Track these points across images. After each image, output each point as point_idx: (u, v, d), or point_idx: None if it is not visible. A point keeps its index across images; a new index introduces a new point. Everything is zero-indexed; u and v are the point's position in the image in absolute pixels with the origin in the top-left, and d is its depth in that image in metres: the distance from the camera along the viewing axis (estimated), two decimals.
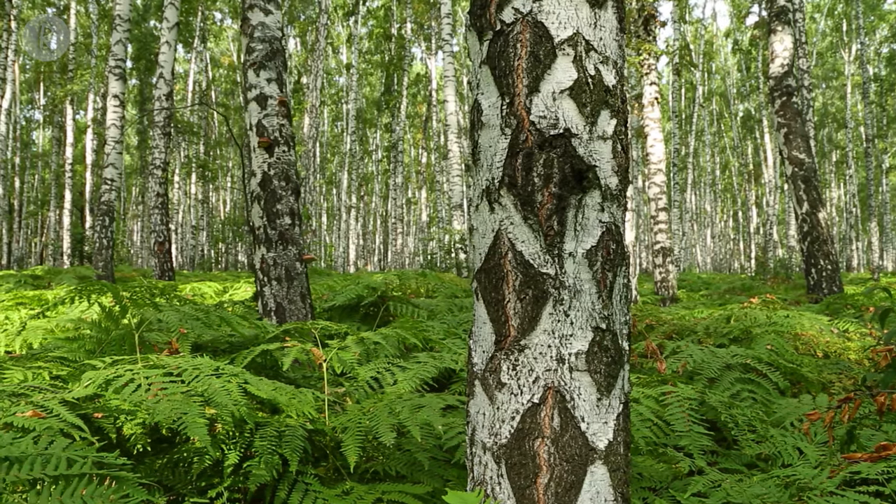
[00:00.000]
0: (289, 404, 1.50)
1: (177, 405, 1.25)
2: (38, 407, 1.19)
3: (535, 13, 1.12)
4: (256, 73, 3.98)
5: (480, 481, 1.16)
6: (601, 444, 1.11)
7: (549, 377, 1.09)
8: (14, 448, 1.00)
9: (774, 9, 8.58)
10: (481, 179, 1.17)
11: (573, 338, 1.10)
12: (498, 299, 1.13)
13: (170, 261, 9.84)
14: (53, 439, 1.06)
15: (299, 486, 1.48)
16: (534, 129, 1.10)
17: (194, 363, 1.45)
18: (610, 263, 1.13)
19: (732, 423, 1.64)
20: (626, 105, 1.19)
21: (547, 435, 1.09)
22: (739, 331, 3.08)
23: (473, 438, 1.19)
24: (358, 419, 1.62)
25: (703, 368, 2.41)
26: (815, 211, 8.10)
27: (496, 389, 1.13)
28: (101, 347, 1.81)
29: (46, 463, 0.98)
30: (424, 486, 1.57)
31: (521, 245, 1.10)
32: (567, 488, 1.09)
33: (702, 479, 1.24)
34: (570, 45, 1.11)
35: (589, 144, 1.11)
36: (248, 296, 5.25)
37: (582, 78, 1.11)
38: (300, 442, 1.51)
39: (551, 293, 1.09)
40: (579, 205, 1.10)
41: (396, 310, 4.18)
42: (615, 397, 1.13)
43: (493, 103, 1.15)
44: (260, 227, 3.78)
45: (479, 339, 1.18)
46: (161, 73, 10.42)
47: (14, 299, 4.42)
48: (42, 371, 1.55)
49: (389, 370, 2.19)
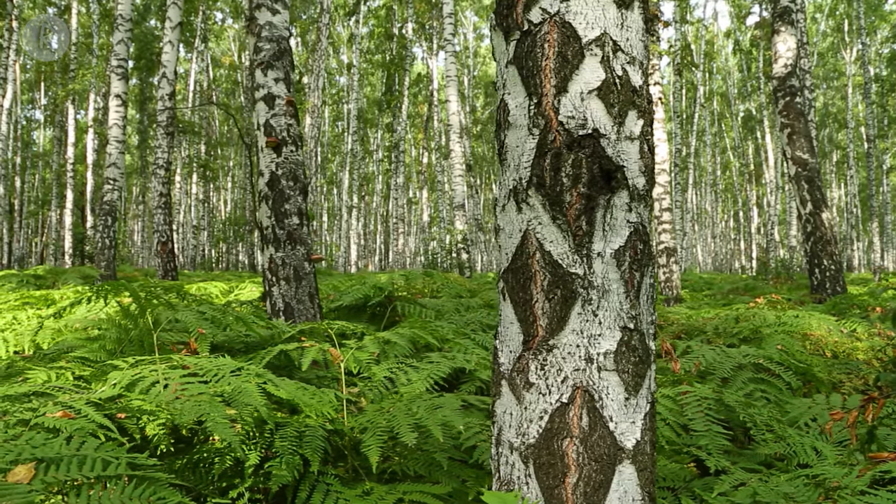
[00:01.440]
0: (310, 404, 1.50)
1: (204, 406, 1.25)
2: (66, 407, 1.20)
3: (563, 13, 1.12)
4: (264, 73, 3.98)
5: (507, 481, 1.17)
6: (629, 444, 1.11)
7: (578, 377, 1.09)
8: (48, 448, 1.00)
9: (778, 9, 8.58)
10: (508, 179, 1.17)
11: (601, 337, 1.10)
12: (526, 299, 1.13)
13: (173, 260, 9.84)
14: (85, 440, 1.06)
15: (320, 487, 1.48)
16: (562, 130, 1.10)
17: (217, 363, 1.45)
18: (637, 263, 1.13)
19: (751, 423, 1.64)
20: (651, 105, 1.19)
21: (575, 434, 1.09)
22: (749, 331, 3.09)
23: (500, 438, 1.19)
24: (377, 419, 1.62)
25: (716, 368, 2.41)
26: (819, 211, 8.10)
27: (524, 389, 1.13)
28: (121, 347, 1.81)
29: (82, 464, 0.98)
30: (444, 486, 1.57)
31: (550, 245, 1.11)
32: (596, 488, 1.09)
33: (728, 478, 1.24)
34: (597, 46, 1.12)
35: (617, 145, 1.11)
36: (255, 296, 5.25)
37: (609, 78, 1.11)
38: (320, 442, 1.51)
39: (580, 293, 1.09)
40: (608, 205, 1.10)
41: (404, 310, 4.18)
42: (642, 397, 1.14)
43: (521, 103, 1.15)
44: (268, 227, 3.78)
45: (505, 339, 1.18)
46: (164, 73, 10.42)
47: (21, 299, 4.42)
48: (65, 371, 1.55)
49: (403, 370, 2.19)
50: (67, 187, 19.15)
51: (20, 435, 1.05)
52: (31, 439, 1.04)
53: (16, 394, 1.24)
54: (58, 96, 22.37)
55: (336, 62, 31.61)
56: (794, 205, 21.36)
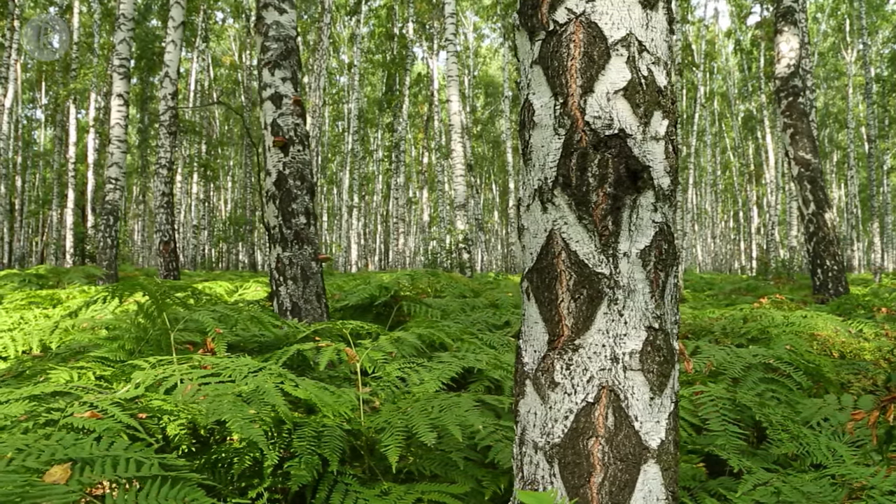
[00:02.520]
0: (329, 404, 1.50)
1: (228, 406, 1.25)
2: (92, 407, 1.19)
3: (589, 13, 1.12)
4: (271, 73, 3.98)
5: (531, 481, 1.17)
6: (654, 444, 1.12)
7: (604, 376, 1.10)
8: (78, 449, 1.00)
9: (781, 9, 8.58)
10: (533, 179, 1.17)
11: (627, 337, 1.10)
12: (551, 299, 1.13)
13: (175, 260, 9.83)
14: (114, 440, 1.06)
15: (339, 487, 1.48)
16: (588, 130, 1.10)
17: (238, 363, 1.45)
18: (662, 263, 1.13)
19: (767, 423, 1.65)
20: (675, 106, 1.19)
21: (601, 434, 1.09)
22: (757, 331, 3.09)
23: (523, 438, 1.19)
24: (394, 419, 1.62)
25: (727, 368, 2.41)
26: (822, 211, 8.10)
27: (549, 389, 1.13)
28: (139, 347, 1.81)
29: (116, 464, 0.98)
30: (462, 485, 1.57)
31: (576, 245, 1.11)
32: (621, 487, 1.10)
33: (751, 478, 1.25)
34: (623, 46, 1.12)
35: (643, 145, 1.11)
36: (260, 296, 5.25)
37: (635, 79, 1.12)
38: (339, 442, 1.51)
39: (606, 293, 1.09)
40: (634, 205, 1.10)
41: (409, 310, 4.18)
42: (667, 396, 1.14)
43: (546, 103, 1.15)
44: (275, 227, 3.78)
45: (529, 339, 1.18)
46: (167, 72, 10.41)
47: (27, 298, 4.41)
48: (86, 371, 1.55)
49: (415, 370, 2.19)
50: (69, 187, 19.14)
51: (50, 435, 1.05)
52: (62, 439, 1.04)
53: (41, 393, 1.24)
54: (59, 95, 22.37)
55: (336, 62, 31.62)
56: (794, 205, 21.38)
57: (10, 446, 0.97)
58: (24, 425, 1.10)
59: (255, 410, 1.28)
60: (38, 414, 1.16)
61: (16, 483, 0.82)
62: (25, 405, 1.15)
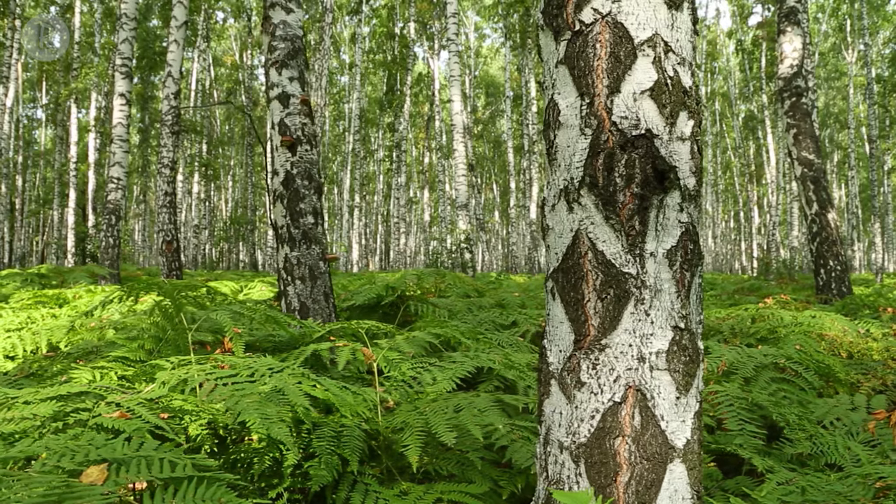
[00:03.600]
0: (347, 404, 1.51)
1: (256, 406, 1.25)
2: (117, 407, 1.19)
3: (615, 14, 1.12)
4: (279, 72, 3.98)
5: (556, 480, 1.17)
6: (679, 443, 1.12)
7: (630, 376, 1.10)
8: (109, 449, 1.00)
9: (784, 9, 8.59)
10: (558, 179, 1.17)
11: (654, 337, 1.10)
12: (577, 298, 1.13)
13: (178, 260, 9.83)
14: (144, 440, 1.06)
15: (359, 487, 1.48)
16: (615, 130, 1.10)
17: (259, 363, 1.45)
18: (688, 263, 1.14)
19: (784, 423, 1.65)
20: (700, 106, 1.19)
21: (628, 434, 1.10)
22: (766, 331, 3.09)
23: (548, 438, 1.19)
24: (412, 419, 1.62)
25: (738, 368, 2.42)
26: (825, 212, 8.11)
27: (575, 388, 1.13)
28: (158, 347, 1.81)
29: (150, 465, 0.98)
30: (481, 485, 1.57)
31: (603, 244, 1.11)
32: (647, 486, 1.10)
33: (775, 476, 1.25)
34: (649, 47, 1.12)
35: (669, 145, 1.11)
36: (266, 295, 5.25)
37: (661, 79, 1.12)
38: (358, 442, 1.51)
39: (633, 292, 1.10)
40: (660, 205, 1.10)
41: (416, 309, 4.18)
42: (692, 396, 1.14)
43: (572, 103, 1.15)
44: (283, 227, 3.78)
45: (554, 339, 1.19)
46: (169, 72, 10.41)
47: (33, 298, 4.42)
48: (108, 371, 1.55)
49: (427, 370, 2.19)
50: (70, 186, 19.14)
51: (80, 435, 1.05)
52: (93, 440, 1.04)
53: (68, 393, 1.24)
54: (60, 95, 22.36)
55: (337, 62, 31.62)
56: (796, 205, 21.39)
57: (42, 447, 0.97)
58: (53, 425, 1.10)
59: (281, 410, 1.29)
60: (67, 414, 1.16)
61: (53, 484, 0.82)
62: (53, 405, 1.15)
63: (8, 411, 1.12)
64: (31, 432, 1.08)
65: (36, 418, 1.11)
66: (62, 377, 1.55)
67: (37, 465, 0.92)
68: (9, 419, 1.09)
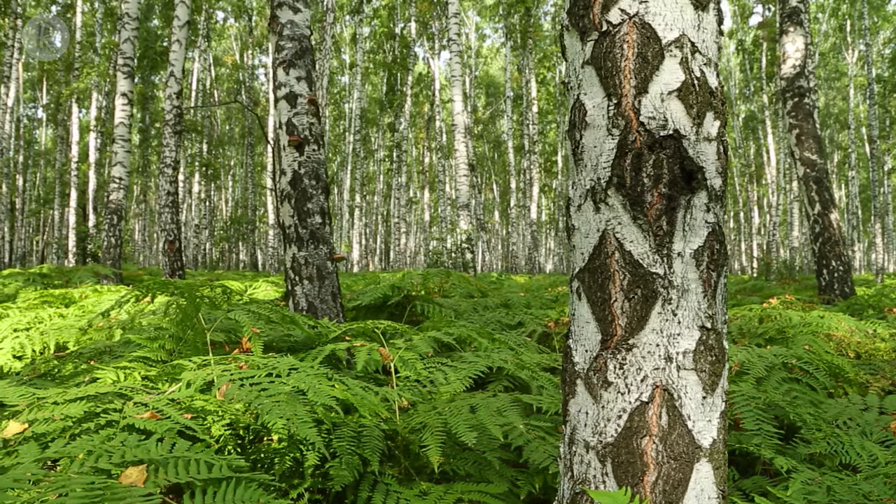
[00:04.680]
0: (373, 404, 1.51)
1: (284, 406, 1.25)
2: (145, 407, 1.19)
3: (642, 14, 1.12)
4: (286, 72, 3.98)
5: (582, 480, 1.17)
6: (706, 442, 1.12)
7: (658, 376, 1.10)
8: (143, 450, 1.00)
9: (786, 10, 8.59)
10: (585, 179, 1.17)
11: (681, 337, 1.11)
12: (604, 298, 1.14)
13: (180, 259, 9.82)
14: (175, 441, 1.06)
15: (380, 487, 1.48)
16: (643, 130, 1.10)
17: (284, 363, 1.45)
18: (714, 263, 1.14)
19: (800, 422, 1.65)
20: (725, 107, 1.20)
21: (655, 433, 1.10)
22: (774, 331, 3.10)
23: (573, 437, 1.19)
24: (430, 419, 1.62)
25: (750, 368, 2.42)
26: (827, 212, 8.12)
27: (601, 388, 1.14)
28: (178, 347, 1.81)
29: (188, 466, 0.98)
30: (500, 485, 1.58)
31: (630, 245, 1.11)
32: (674, 486, 1.10)
33: (800, 476, 1.25)
34: (676, 47, 1.12)
35: (696, 146, 1.12)
36: (271, 295, 5.25)
37: (688, 80, 1.12)
38: (378, 442, 1.51)
39: (660, 292, 1.10)
40: (688, 205, 1.11)
41: (422, 309, 4.19)
42: (718, 395, 1.14)
43: (598, 104, 1.15)
44: (291, 227, 3.78)
45: (580, 339, 1.19)
46: (171, 72, 10.41)
47: (40, 297, 4.41)
48: (133, 371, 1.55)
49: (440, 370, 2.19)
50: (72, 186, 19.13)
51: (114, 436, 1.05)
52: (126, 441, 1.04)
53: (96, 394, 1.24)
54: (61, 95, 22.35)
55: (338, 62, 31.62)
56: (796, 205, 21.41)
57: (78, 448, 0.97)
58: (84, 426, 1.10)
59: (307, 410, 1.29)
60: (97, 415, 1.16)
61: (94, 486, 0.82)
62: (83, 406, 1.15)
63: (38, 411, 1.12)
64: (64, 433, 1.08)
65: (66, 419, 1.11)
66: (85, 377, 1.55)
67: (75, 465, 0.92)
68: (40, 420, 1.09)
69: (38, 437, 1.07)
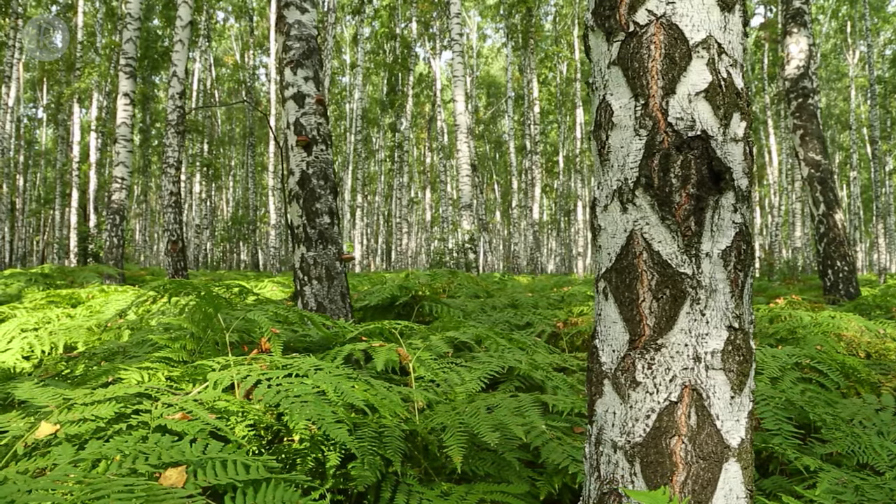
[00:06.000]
0: (384, 405, 1.51)
1: (314, 407, 1.26)
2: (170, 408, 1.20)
3: (669, 15, 1.13)
4: (294, 72, 3.99)
5: (609, 480, 1.17)
6: (734, 442, 1.12)
7: (686, 375, 1.10)
8: (178, 451, 1.00)
9: (790, 11, 8.60)
10: (611, 180, 1.18)
11: (709, 336, 1.11)
12: (632, 298, 1.14)
13: (183, 260, 9.83)
14: (208, 442, 1.06)
15: (402, 488, 1.48)
16: (671, 131, 1.11)
17: (307, 363, 1.45)
18: (741, 263, 1.14)
19: (821, 422, 1.65)
20: (750, 108, 1.20)
21: (684, 433, 1.10)
22: (786, 331, 3.10)
23: (600, 438, 1.20)
24: (449, 419, 1.62)
25: (764, 368, 2.42)
26: (832, 212, 8.12)
27: (629, 388, 1.14)
28: (199, 348, 1.81)
29: (225, 467, 0.98)
30: (521, 486, 1.58)
31: (658, 245, 1.11)
32: (703, 486, 1.10)
33: (827, 475, 1.26)
34: (703, 48, 1.12)
35: (724, 146, 1.12)
36: (278, 295, 5.25)
37: (715, 81, 1.12)
38: (400, 443, 1.52)
39: (689, 292, 1.10)
40: (716, 206, 1.11)
41: (431, 310, 4.19)
42: (745, 395, 1.15)
43: (625, 104, 1.15)
44: (299, 227, 3.79)
45: (607, 339, 1.19)
46: (174, 72, 10.41)
47: (46, 298, 4.42)
48: (156, 372, 1.55)
49: (454, 370, 2.20)
50: (73, 186, 19.13)
51: (146, 437, 1.06)
52: (159, 441, 1.04)
53: (125, 394, 1.25)
54: (62, 95, 22.36)
55: (338, 62, 31.63)
56: (799, 206, 21.41)
57: (113, 449, 0.97)
58: (116, 427, 1.10)
59: (336, 410, 1.29)
60: (127, 416, 1.16)
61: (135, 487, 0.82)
62: (114, 407, 1.15)
63: (67, 412, 1.12)
64: (95, 434, 1.08)
65: (97, 420, 1.11)
66: (108, 378, 1.55)
67: (113, 466, 0.92)
68: (71, 421, 1.09)
69: (71, 438, 1.07)
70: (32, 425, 1.07)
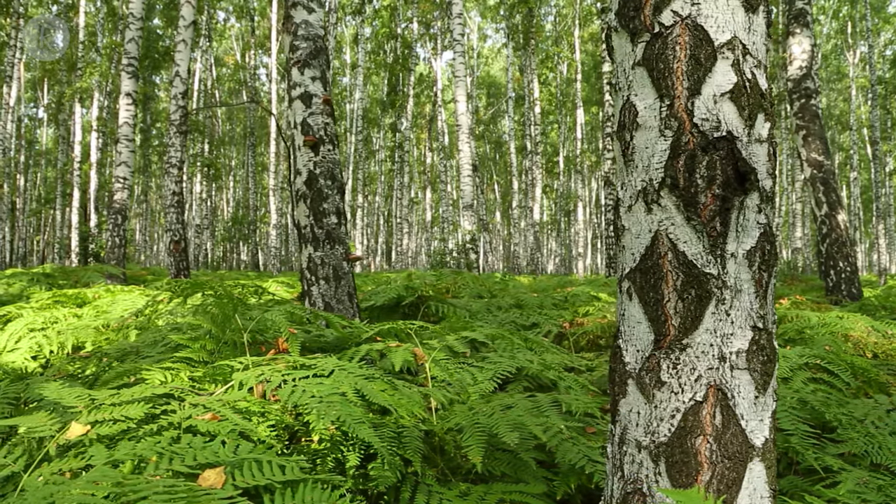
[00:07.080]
0: (402, 405, 1.51)
1: (340, 407, 1.26)
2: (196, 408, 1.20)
3: (695, 16, 1.13)
4: (301, 72, 3.99)
5: (633, 479, 1.18)
6: (758, 442, 1.13)
7: (711, 375, 1.11)
8: (211, 452, 1.00)
9: (793, 11, 8.60)
10: (636, 180, 1.18)
11: (734, 336, 1.11)
12: (657, 299, 1.14)
13: (186, 260, 9.82)
14: (238, 443, 1.06)
15: (422, 488, 1.49)
16: (696, 132, 1.11)
17: (328, 363, 1.46)
18: (766, 264, 1.14)
19: (837, 422, 1.66)
20: (774, 109, 1.20)
21: (709, 433, 1.10)
22: (794, 331, 3.11)
23: (624, 437, 1.20)
24: (465, 419, 1.62)
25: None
26: (834, 213, 8.12)
27: (654, 388, 1.14)
28: (218, 348, 1.81)
29: (261, 468, 0.99)
30: (538, 486, 1.58)
31: (683, 245, 1.12)
32: (728, 485, 1.11)
33: (851, 475, 1.26)
34: (728, 49, 1.13)
35: (749, 147, 1.12)
36: (282, 295, 5.25)
37: (740, 81, 1.13)
38: (419, 443, 1.52)
39: (714, 293, 1.11)
40: (741, 206, 1.11)
41: (437, 310, 4.19)
42: (769, 395, 1.15)
43: (650, 105, 1.16)
44: (306, 227, 3.79)
45: (631, 339, 1.19)
46: (177, 72, 10.41)
47: (53, 297, 4.42)
48: (178, 372, 1.56)
49: (467, 370, 2.20)
50: (74, 186, 19.12)
51: (178, 438, 1.06)
52: (192, 442, 1.04)
53: (152, 395, 1.25)
54: (63, 95, 22.35)
55: (339, 62, 31.63)
56: (799, 206, 21.42)
57: (146, 450, 0.98)
58: (146, 427, 1.10)
59: (362, 411, 1.29)
60: (156, 416, 1.16)
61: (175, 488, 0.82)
62: (143, 407, 1.15)
63: (97, 412, 1.12)
64: (126, 435, 1.08)
65: (127, 420, 1.11)
66: (129, 378, 1.55)
67: (150, 468, 0.93)
68: (101, 421, 1.09)
69: (102, 438, 1.07)
70: (63, 426, 1.07)
